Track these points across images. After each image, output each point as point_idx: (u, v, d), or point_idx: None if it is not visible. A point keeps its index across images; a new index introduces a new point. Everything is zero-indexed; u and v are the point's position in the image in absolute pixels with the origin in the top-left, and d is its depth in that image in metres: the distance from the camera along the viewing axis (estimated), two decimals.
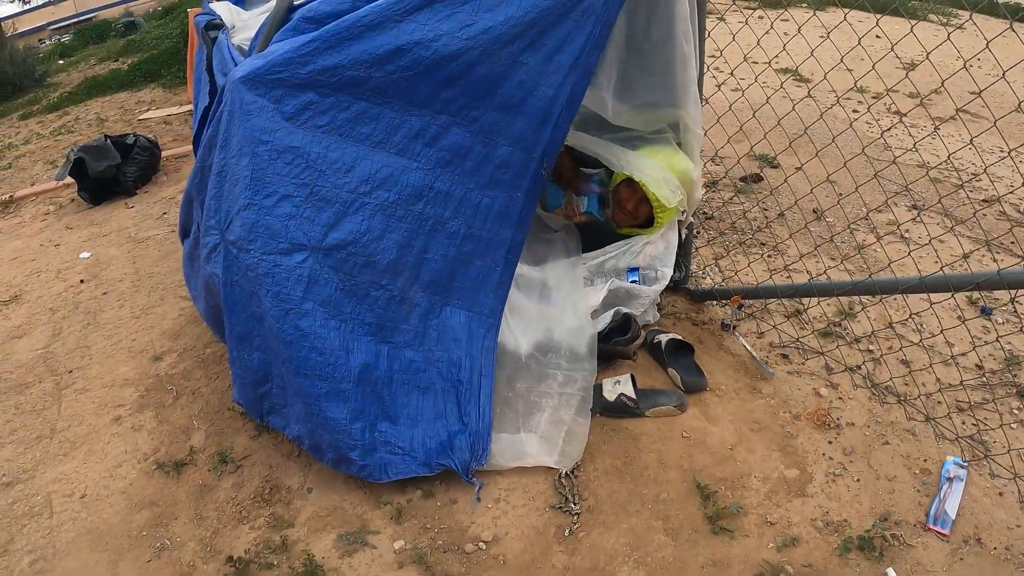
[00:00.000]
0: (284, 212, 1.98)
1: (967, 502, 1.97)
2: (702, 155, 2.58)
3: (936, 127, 3.11)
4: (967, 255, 3.05)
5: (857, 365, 2.49)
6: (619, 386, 2.24)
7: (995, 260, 2.97)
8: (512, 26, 1.89)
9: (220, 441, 2.33)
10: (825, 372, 2.48)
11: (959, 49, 2.11)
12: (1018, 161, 3.53)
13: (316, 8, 2.02)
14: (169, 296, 3.12)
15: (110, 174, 4.18)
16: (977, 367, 2.45)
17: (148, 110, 5.87)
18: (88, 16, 17.81)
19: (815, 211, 3.37)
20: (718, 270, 2.92)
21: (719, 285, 2.80)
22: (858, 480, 2.08)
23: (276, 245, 1.97)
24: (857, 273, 2.89)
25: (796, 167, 2.67)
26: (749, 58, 2.68)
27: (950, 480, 2.04)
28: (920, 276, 2.04)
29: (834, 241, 3.10)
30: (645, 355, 2.53)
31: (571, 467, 2.11)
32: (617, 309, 2.39)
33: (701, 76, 2.43)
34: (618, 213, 2.65)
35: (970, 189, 3.63)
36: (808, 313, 2.74)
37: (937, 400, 2.31)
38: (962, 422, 2.23)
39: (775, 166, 3.87)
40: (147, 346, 2.80)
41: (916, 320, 2.48)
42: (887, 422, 2.27)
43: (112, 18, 15.88)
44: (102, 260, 3.53)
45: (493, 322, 2.16)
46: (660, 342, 2.45)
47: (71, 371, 2.75)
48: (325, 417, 2.01)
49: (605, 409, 2.26)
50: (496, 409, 2.17)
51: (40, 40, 17.29)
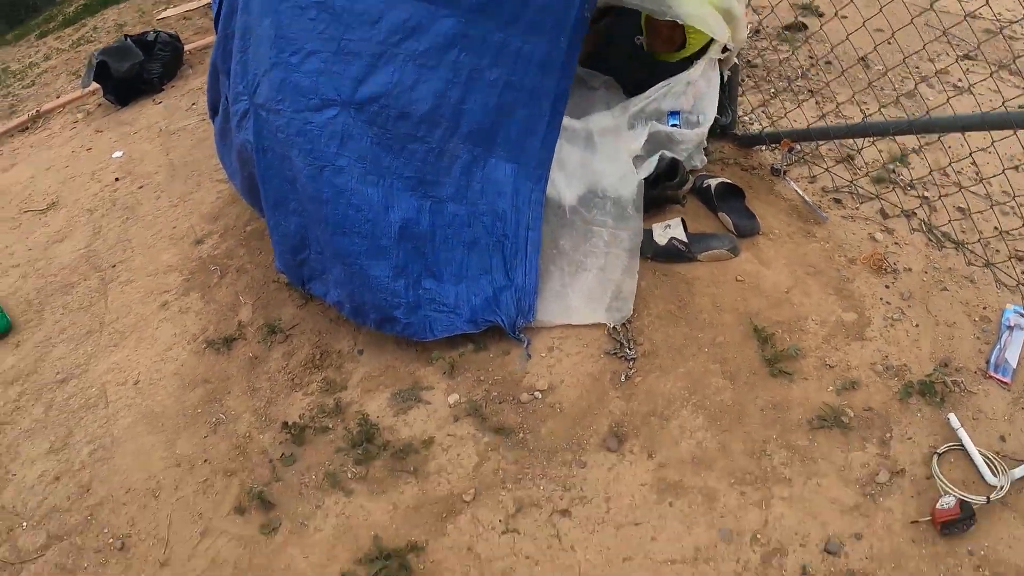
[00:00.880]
0: (312, 68, 1.92)
1: None
2: None
3: None
4: None
5: (913, 210, 2.38)
6: (670, 230, 2.17)
7: None
8: None
9: (267, 313, 2.33)
10: (880, 217, 2.39)
11: None
12: None
13: None
14: (205, 181, 3.08)
15: (134, 73, 4.08)
16: None
17: (166, 8, 5.70)
18: None
19: (863, 59, 3.18)
20: (765, 115, 2.78)
21: (767, 129, 2.67)
22: (917, 325, 2.03)
23: (306, 102, 1.93)
24: (913, 115, 2.73)
25: (841, 16, 2.49)
26: None
27: (1011, 328, 1.98)
28: (981, 112, 1.92)
29: (888, 77, 2.91)
30: (695, 200, 2.45)
31: (621, 322, 2.07)
32: (662, 153, 2.29)
33: None
34: (654, 40, 2.54)
35: None
36: (862, 156, 2.61)
37: (996, 249, 2.21)
38: (1022, 271, 2.14)
39: (820, 14, 3.65)
40: (187, 232, 2.79)
41: (973, 166, 2.34)
42: (945, 268, 2.20)
43: None
44: (135, 156, 3.49)
45: (541, 174, 2.07)
46: (709, 186, 2.36)
47: (114, 265, 2.75)
48: (366, 275, 1.98)
49: (656, 254, 2.20)
50: (541, 266, 2.12)
51: None
